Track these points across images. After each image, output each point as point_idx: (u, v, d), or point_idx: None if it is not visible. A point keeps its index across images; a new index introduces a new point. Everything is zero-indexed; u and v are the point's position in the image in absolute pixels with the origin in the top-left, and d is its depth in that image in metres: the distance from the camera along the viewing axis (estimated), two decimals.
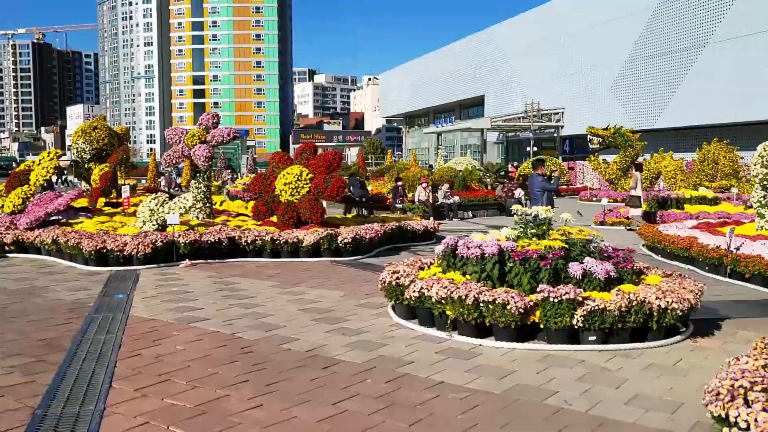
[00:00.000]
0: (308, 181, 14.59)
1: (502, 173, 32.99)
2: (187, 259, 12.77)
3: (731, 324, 7.91)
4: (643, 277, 8.12)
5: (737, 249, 11.45)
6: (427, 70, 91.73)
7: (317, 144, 25.77)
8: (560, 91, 61.36)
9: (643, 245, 14.66)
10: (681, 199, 21.92)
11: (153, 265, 12.33)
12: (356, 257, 13.61)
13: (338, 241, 13.46)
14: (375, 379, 5.89)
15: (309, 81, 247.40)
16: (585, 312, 6.71)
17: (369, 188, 24.52)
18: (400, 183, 24.47)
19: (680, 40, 47.17)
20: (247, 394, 5.47)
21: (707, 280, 10.53)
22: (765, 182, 13.76)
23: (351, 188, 20.75)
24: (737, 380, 3.80)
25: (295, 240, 13.37)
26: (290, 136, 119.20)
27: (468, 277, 7.66)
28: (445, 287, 7.26)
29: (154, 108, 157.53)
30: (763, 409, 3.48)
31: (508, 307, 6.76)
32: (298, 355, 6.63)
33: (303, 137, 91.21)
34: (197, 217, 15.55)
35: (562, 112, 62.65)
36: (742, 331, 7.53)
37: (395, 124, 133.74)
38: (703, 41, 45.18)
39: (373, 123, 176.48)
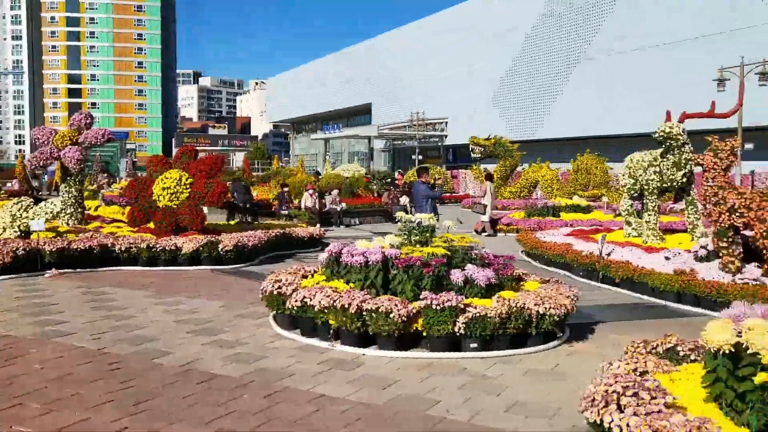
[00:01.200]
0: (188, 186, 14.00)
1: (389, 180, 33.28)
2: (54, 269, 11.88)
3: (605, 327, 8.22)
4: (522, 283, 8.30)
5: (608, 255, 12.02)
6: (315, 77, 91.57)
7: (202, 148, 25.03)
8: (445, 101, 62.92)
9: (522, 252, 15.11)
10: (557, 207, 22.88)
11: (13, 276, 11.38)
12: (238, 265, 13.18)
13: (219, 249, 12.98)
14: (253, 393, 5.62)
15: (194, 83, 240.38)
16: (467, 319, 6.74)
17: (254, 194, 23.96)
18: (286, 189, 24.09)
19: (556, 56, 49.56)
20: (111, 415, 5.05)
21: (582, 285, 10.96)
22: (632, 192, 14.56)
23: (235, 194, 20.19)
24: (611, 386, 3.86)
25: (173, 247, 12.78)
26: (173, 139, 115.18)
27: (352, 285, 7.53)
28: (328, 296, 7.09)
29: (23, 106, 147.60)
30: (635, 414, 3.54)
31: (392, 315, 6.68)
32: (172, 371, 6.23)
33: (187, 141, 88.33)
34: (67, 223, 14.57)
35: (446, 122, 64.26)
36: (614, 334, 7.83)
37: (282, 129, 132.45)
38: (576, 58, 47.66)
39: (259, 128, 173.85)
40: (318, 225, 19.77)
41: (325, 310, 7.10)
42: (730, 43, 32.53)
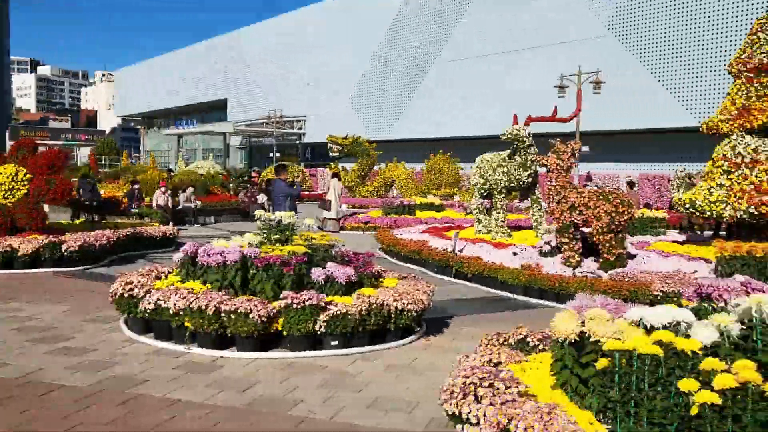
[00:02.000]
0: (26, 183, 12.95)
1: (245, 178, 32.65)
2: None
3: (458, 321, 8.55)
4: (381, 280, 8.43)
5: (461, 251, 12.51)
6: (169, 69, 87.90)
7: (42, 142, 23.13)
8: (303, 99, 62.69)
9: (380, 249, 15.37)
10: (413, 205, 23.51)
11: None
12: (85, 267, 12.39)
13: (63, 250, 12.13)
14: (104, 403, 5.29)
15: (31, 72, 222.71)
16: (328, 317, 6.74)
17: (101, 191, 22.59)
18: (136, 186, 22.94)
19: (411, 59, 50.89)
20: None
21: (437, 280, 11.33)
22: (482, 191, 15.26)
23: (80, 191, 18.94)
24: (468, 377, 4.01)
25: (9, 249, 11.78)
26: (7, 132, 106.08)
27: (209, 285, 7.30)
28: (184, 297, 6.83)
29: None
30: (491, 404, 3.70)
31: (251, 315, 6.55)
32: (6, 384, 5.73)
33: (24, 134, 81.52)
34: None
35: (305, 120, 64.07)
36: (467, 327, 8.16)
37: (132, 124, 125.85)
38: (430, 62, 49.19)
39: (107, 122, 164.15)
40: (171, 224, 19.02)
41: (181, 313, 6.83)
42: (569, 53, 34.96)
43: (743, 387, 3.35)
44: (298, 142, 66.13)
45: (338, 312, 6.79)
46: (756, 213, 11.61)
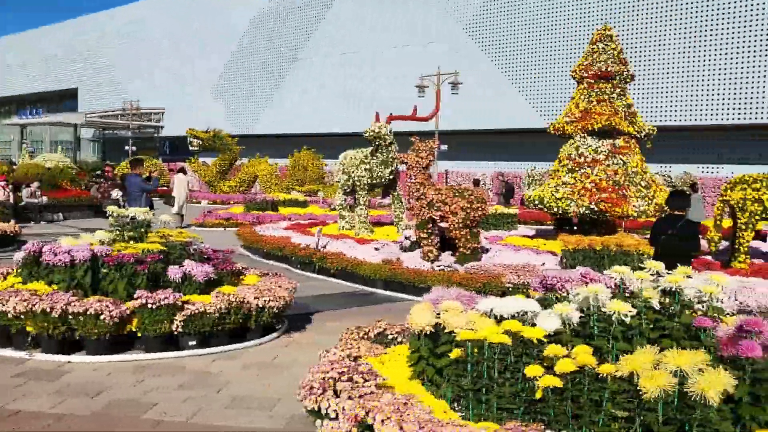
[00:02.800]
0: None
1: (98, 172, 30.86)
2: None
3: (321, 317, 8.57)
4: (242, 277, 8.28)
5: (324, 247, 12.56)
6: (12, 54, 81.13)
7: None
8: (161, 91, 60.14)
9: (241, 246, 15.09)
10: (276, 201, 23.28)
11: None
12: None
13: None
14: None
15: None
16: (185, 316, 6.54)
17: None
18: None
19: (275, 53, 50.28)
20: None
21: (300, 277, 11.29)
22: (345, 187, 15.40)
23: None
24: (327, 372, 4.03)
25: None
26: None
27: (55, 286, 6.84)
28: (26, 300, 6.36)
29: None
30: (349, 398, 3.75)
31: (102, 317, 6.22)
32: None
33: None
34: None
35: (163, 113, 61.52)
36: (330, 322, 8.20)
37: None
38: (293, 57, 48.86)
39: None
40: (12, 221, 17.62)
41: (22, 316, 6.36)
42: (430, 53, 36.00)
43: (581, 370, 3.61)
44: (156, 135, 63.39)
45: (196, 311, 6.60)
46: (596, 209, 12.55)
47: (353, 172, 14.99)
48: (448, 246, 11.68)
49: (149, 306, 6.41)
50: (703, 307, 4.21)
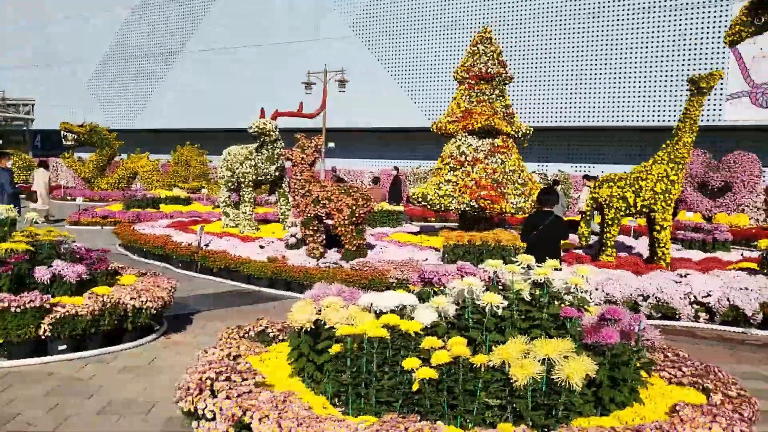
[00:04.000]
0: None
1: None
2: None
3: (202, 317, 8.36)
4: (118, 277, 7.93)
5: (207, 246, 12.24)
6: None
7: None
8: (31, 81, 56.42)
9: (119, 245, 14.44)
10: (157, 199, 22.44)
11: None
12: None
13: None
14: None
15: None
16: (54, 320, 6.18)
17: None
18: None
19: (157, 46, 48.42)
20: None
21: (181, 276, 10.96)
22: (229, 184, 15.08)
23: None
24: (205, 372, 3.94)
25: None
26: None
27: None
28: None
29: None
30: (227, 397, 3.68)
31: None
32: None
33: None
34: None
35: (33, 105, 57.77)
36: (212, 322, 8.01)
37: None
38: (177, 50, 47.27)
39: None
40: None
41: None
42: (318, 50, 35.89)
43: (456, 361, 3.72)
44: (25, 128, 59.44)
45: (67, 313, 6.25)
46: (477, 206, 12.96)
47: (237, 168, 14.71)
48: (334, 243, 11.71)
49: (12, 310, 6.01)
50: (570, 298, 4.45)
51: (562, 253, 11.64)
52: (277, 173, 14.66)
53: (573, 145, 29.82)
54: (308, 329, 4.29)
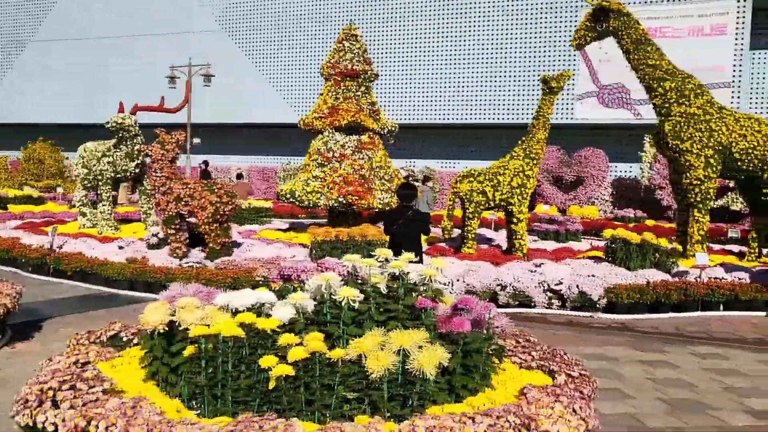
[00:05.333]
0: None
1: None
2: None
3: (54, 323, 7.86)
4: None
5: (60, 247, 11.53)
6: None
7: None
8: None
9: None
10: (4, 198, 20.84)
11: None
12: None
13: None
14: None
15: None
16: None
17: None
18: None
19: (4, 32, 44.90)
20: None
21: (31, 281, 10.28)
22: (86, 182, 14.28)
23: None
24: (47, 383, 3.70)
25: None
26: None
27: None
28: None
29: None
30: (71, 407, 3.48)
31: None
32: None
33: None
34: None
35: None
36: (63, 329, 7.54)
37: None
38: (27, 39, 44.05)
39: None
40: None
41: None
42: (182, 44, 34.64)
43: (312, 357, 3.73)
44: None
45: None
46: (344, 202, 13.06)
47: (94, 165, 13.95)
48: (199, 242, 11.38)
49: None
50: (426, 289, 4.58)
51: (427, 247, 12.00)
52: (137, 170, 14.05)
53: (440, 142, 30.72)
54: (161, 331, 4.14)
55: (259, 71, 33.51)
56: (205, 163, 24.05)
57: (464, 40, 28.45)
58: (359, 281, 4.57)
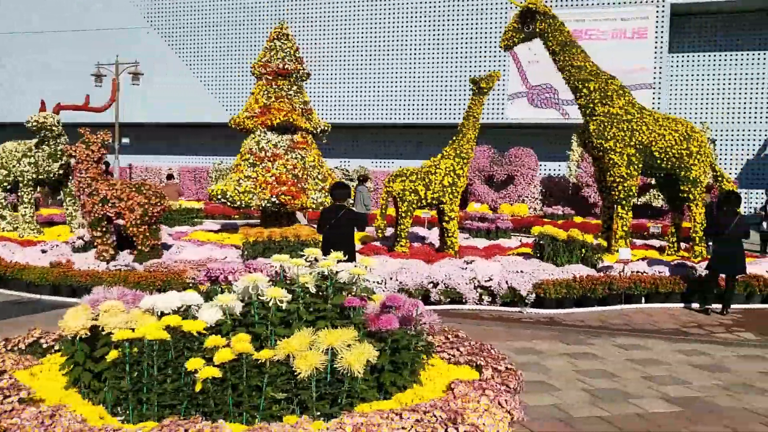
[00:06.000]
0: None
1: None
2: None
3: None
4: None
5: None
6: None
7: None
8: None
9: None
10: None
11: None
12: None
13: None
14: None
15: None
16: None
17: None
18: None
19: None
20: None
21: None
22: (5, 184, 13.73)
23: None
24: None
25: None
26: None
27: None
28: None
29: None
30: None
31: None
32: None
33: None
34: None
35: None
36: None
37: None
38: None
39: None
40: None
41: None
42: (108, 41, 33.61)
43: (239, 358, 3.70)
44: None
45: None
46: (277, 202, 12.97)
47: (14, 166, 13.43)
48: (127, 244, 11.09)
49: None
50: (356, 288, 4.61)
51: (361, 246, 12.05)
52: (61, 171, 13.59)
53: (374, 142, 30.83)
54: (84, 336, 4.03)
55: (190, 70, 32.88)
56: (170, 172, 23.25)
57: (397, 41, 28.65)
58: (288, 281, 4.56)
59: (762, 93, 25.95)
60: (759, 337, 8.21)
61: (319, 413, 3.75)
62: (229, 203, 13.32)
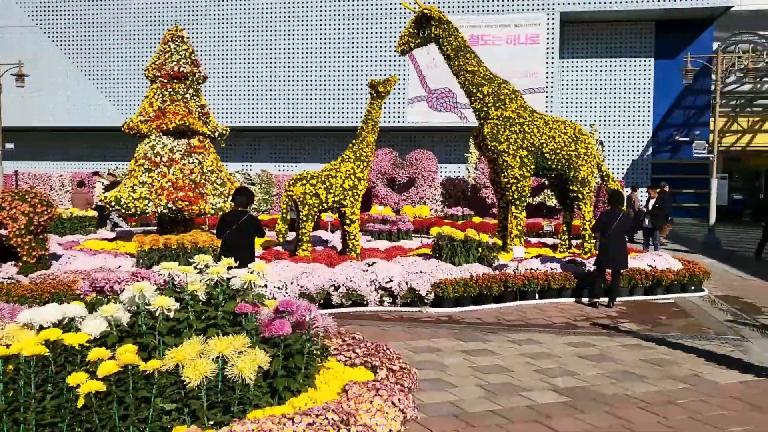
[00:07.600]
0: None
1: None
2: None
3: None
4: None
5: None
6: None
7: None
8: None
9: None
10: None
11: None
12: None
13: None
14: None
15: None
16: None
17: None
18: None
19: None
20: None
21: None
22: None
23: None
24: None
25: None
26: None
27: None
28: None
29: None
30: None
31: None
32: None
33: None
34: None
35: None
36: None
37: None
38: None
39: None
40: None
41: None
42: None
43: (125, 370, 3.59)
44: None
45: None
46: (174, 208, 12.62)
47: None
48: (11, 255, 10.48)
49: None
50: (248, 295, 4.56)
51: (262, 251, 11.91)
52: None
53: (275, 145, 30.53)
54: None
55: (80, 71, 31.44)
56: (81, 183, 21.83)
57: (296, 44, 28.50)
58: (178, 290, 4.46)
59: (645, 97, 27.57)
60: (639, 327, 8.72)
61: (212, 422, 3.69)
62: (124, 210, 12.85)
